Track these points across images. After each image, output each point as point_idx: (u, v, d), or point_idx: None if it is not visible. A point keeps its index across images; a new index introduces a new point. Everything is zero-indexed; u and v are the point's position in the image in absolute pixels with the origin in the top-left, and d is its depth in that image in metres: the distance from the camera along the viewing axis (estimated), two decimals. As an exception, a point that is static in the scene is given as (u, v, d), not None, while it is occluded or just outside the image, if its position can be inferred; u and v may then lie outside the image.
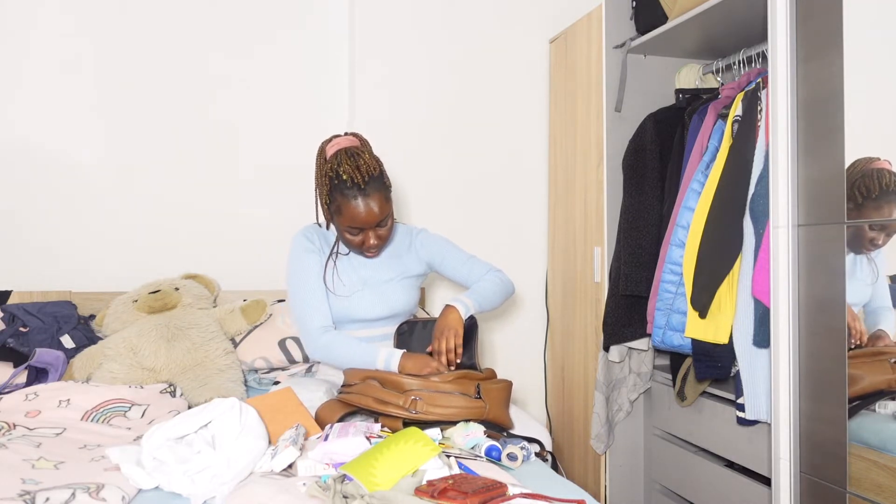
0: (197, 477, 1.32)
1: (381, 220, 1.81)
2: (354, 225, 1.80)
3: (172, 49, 2.62)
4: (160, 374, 2.05)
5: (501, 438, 1.58)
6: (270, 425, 1.52)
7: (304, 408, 1.69)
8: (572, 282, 2.72)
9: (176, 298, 2.26)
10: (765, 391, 1.80)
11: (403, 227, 2.11)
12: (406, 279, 2.03)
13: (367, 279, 1.98)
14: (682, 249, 2.01)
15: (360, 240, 1.84)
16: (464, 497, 1.17)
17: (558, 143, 2.83)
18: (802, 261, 1.66)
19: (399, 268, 2.03)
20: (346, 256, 2.00)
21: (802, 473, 1.66)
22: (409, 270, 2.04)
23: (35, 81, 2.49)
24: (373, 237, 1.83)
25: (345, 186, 1.76)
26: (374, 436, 1.45)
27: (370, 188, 1.76)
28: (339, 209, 1.79)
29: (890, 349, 1.53)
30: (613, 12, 2.41)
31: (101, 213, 2.56)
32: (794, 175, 1.67)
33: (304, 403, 1.72)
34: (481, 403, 1.63)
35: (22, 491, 1.25)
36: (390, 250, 2.04)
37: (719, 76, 2.37)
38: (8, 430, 1.65)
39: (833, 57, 1.56)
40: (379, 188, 1.79)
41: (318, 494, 1.23)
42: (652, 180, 2.24)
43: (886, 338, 1.54)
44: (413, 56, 2.79)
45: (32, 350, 2.07)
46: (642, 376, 2.40)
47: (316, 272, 1.92)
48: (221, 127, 2.68)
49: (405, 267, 2.04)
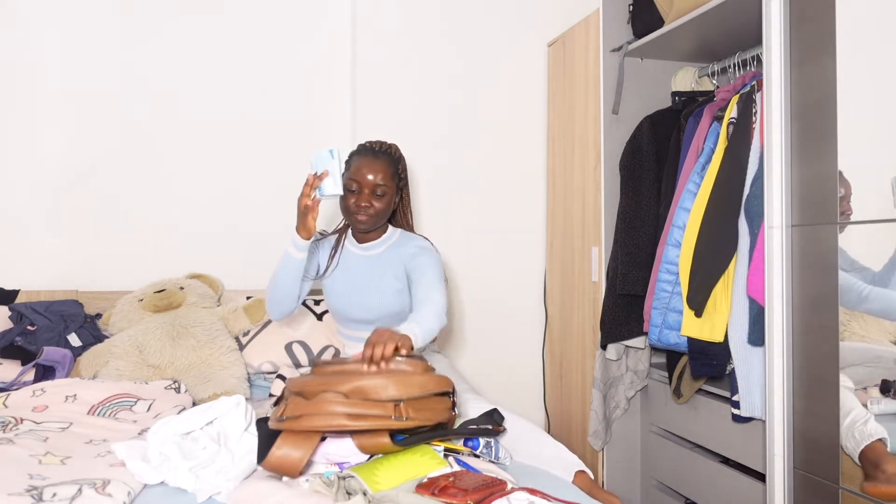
0: (202, 473, 1.34)
1: (379, 187, 1.94)
2: (355, 177, 1.94)
3: (177, 51, 2.64)
4: (165, 372, 2.08)
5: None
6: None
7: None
8: (570, 281, 2.74)
9: (181, 297, 2.29)
10: (759, 389, 1.82)
11: (410, 235, 2.07)
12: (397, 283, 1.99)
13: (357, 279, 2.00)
14: (678, 249, 2.03)
15: (354, 199, 1.94)
16: (464, 494, 1.18)
17: (556, 145, 2.86)
18: (796, 261, 1.68)
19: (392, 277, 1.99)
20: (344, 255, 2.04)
21: (796, 469, 1.68)
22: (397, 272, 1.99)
23: (39, 81, 2.51)
24: (366, 198, 1.93)
25: (363, 148, 2.02)
26: None
27: (381, 155, 1.98)
28: (350, 165, 1.99)
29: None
30: (611, 16, 2.43)
31: (107, 214, 2.58)
32: (788, 176, 1.69)
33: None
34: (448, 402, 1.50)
35: (29, 486, 1.27)
36: (388, 252, 2.01)
37: (715, 79, 2.39)
38: (15, 424, 1.67)
39: (826, 60, 1.58)
40: (389, 163, 1.97)
41: (322, 490, 1.25)
42: (648, 181, 2.26)
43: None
44: (413, 59, 2.81)
45: (40, 348, 2.10)
46: (639, 374, 2.43)
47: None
48: (226, 127, 2.70)
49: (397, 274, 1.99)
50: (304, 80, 2.79)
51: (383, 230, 2.06)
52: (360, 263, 2.02)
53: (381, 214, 1.97)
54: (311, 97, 2.79)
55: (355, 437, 1.38)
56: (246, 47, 2.72)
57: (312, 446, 1.34)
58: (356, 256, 2.04)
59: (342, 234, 2.08)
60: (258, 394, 2.26)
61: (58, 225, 2.53)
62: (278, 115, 2.76)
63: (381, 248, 2.03)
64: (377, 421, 1.35)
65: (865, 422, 1.52)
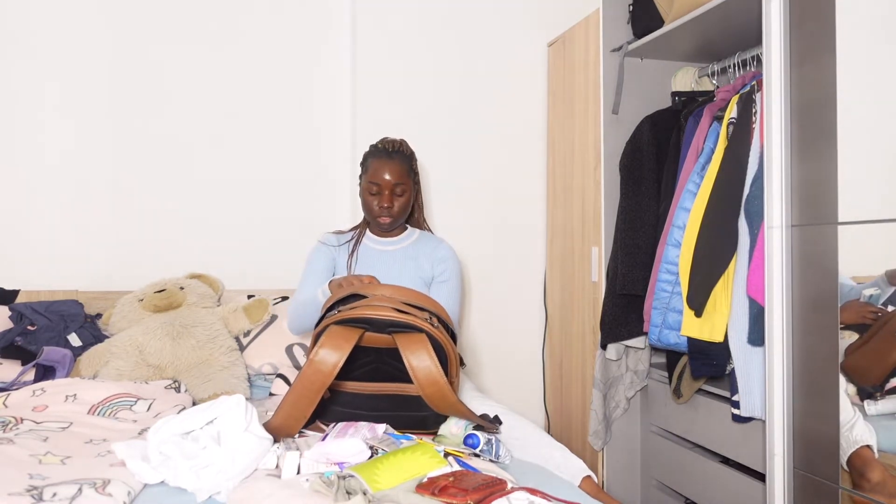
0: (202, 472, 1.34)
1: (398, 185, 2.05)
2: (375, 180, 2.04)
3: (178, 51, 2.64)
4: (165, 372, 2.08)
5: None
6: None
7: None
8: (570, 281, 2.74)
9: (181, 297, 2.29)
10: (759, 389, 1.82)
11: (432, 236, 2.22)
12: (419, 279, 2.10)
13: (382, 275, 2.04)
14: (678, 249, 2.03)
15: (376, 200, 2.06)
16: (464, 494, 1.18)
17: (557, 145, 2.86)
18: (796, 260, 1.68)
19: (414, 269, 2.11)
20: (364, 251, 2.11)
21: (796, 469, 1.68)
22: (423, 272, 2.12)
23: (41, 82, 2.51)
24: (387, 199, 2.05)
25: (376, 150, 2.11)
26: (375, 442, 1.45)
27: (395, 155, 2.08)
28: (367, 168, 2.09)
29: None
30: (611, 16, 2.43)
31: (107, 214, 2.58)
32: (788, 176, 1.69)
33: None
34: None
35: (29, 486, 1.27)
36: (411, 248, 2.12)
37: (715, 79, 2.39)
38: (15, 424, 1.67)
39: (826, 60, 1.58)
40: (403, 161, 2.08)
41: (322, 490, 1.24)
42: (648, 181, 2.26)
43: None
44: (413, 59, 2.82)
45: (40, 348, 2.10)
46: (639, 374, 2.43)
47: (322, 262, 2.11)
48: (225, 127, 2.70)
49: (420, 269, 2.12)
50: (305, 80, 2.79)
51: (403, 226, 2.20)
52: (380, 258, 2.11)
53: (403, 211, 2.10)
54: (311, 97, 2.79)
55: (397, 336, 1.52)
56: (246, 47, 2.72)
57: (350, 347, 1.47)
58: (376, 252, 2.13)
59: (361, 233, 2.18)
60: (258, 394, 2.26)
61: (58, 225, 2.53)
62: (278, 116, 2.76)
63: (403, 243, 2.16)
64: (417, 320, 1.53)
65: (852, 426, 1.51)
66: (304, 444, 1.51)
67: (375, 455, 1.40)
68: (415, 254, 2.12)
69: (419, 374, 1.49)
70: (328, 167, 2.80)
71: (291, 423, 1.51)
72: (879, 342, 1.50)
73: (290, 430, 1.52)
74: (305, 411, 1.49)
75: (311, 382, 1.47)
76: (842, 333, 1.54)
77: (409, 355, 1.50)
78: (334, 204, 2.80)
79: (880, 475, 1.46)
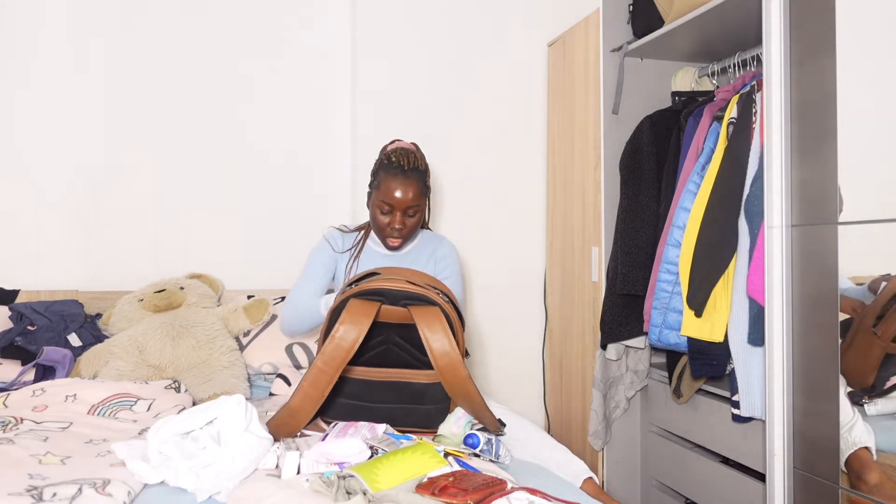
0: (202, 472, 1.34)
1: (411, 207, 1.93)
2: (387, 200, 1.92)
3: (176, 51, 2.65)
4: (165, 371, 2.08)
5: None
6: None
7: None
8: (570, 281, 2.74)
9: (181, 297, 2.29)
10: (759, 389, 1.82)
11: (433, 235, 2.17)
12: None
13: None
14: (678, 249, 2.03)
15: (388, 220, 1.95)
16: (464, 493, 1.18)
17: (557, 145, 2.86)
18: (796, 260, 1.68)
19: (413, 265, 2.07)
20: (366, 255, 2.07)
21: (796, 469, 1.68)
22: (425, 266, 2.09)
23: (42, 82, 2.52)
24: (399, 220, 1.94)
25: (391, 165, 1.95)
26: (375, 442, 1.45)
27: (411, 173, 1.93)
28: (380, 184, 1.94)
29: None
30: (611, 16, 2.43)
31: (107, 214, 2.58)
32: (788, 176, 1.69)
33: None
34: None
35: (29, 486, 1.27)
36: (413, 252, 2.10)
37: (715, 79, 2.39)
38: (15, 424, 1.67)
39: (826, 60, 1.58)
40: (418, 178, 1.94)
41: (322, 490, 1.24)
42: (648, 181, 2.26)
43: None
44: (413, 59, 2.82)
45: (40, 348, 2.10)
46: (639, 374, 2.43)
47: (323, 262, 2.05)
48: (225, 128, 2.70)
49: (423, 269, 2.08)
50: (304, 79, 2.79)
51: None
52: (383, 262, 2.07)
53: (414, 231, 2.01)
54: (311, 97, 2.79)
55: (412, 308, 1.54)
56: (243, 47, 2.72)
57: (369, 323, 1.49)
58: (379, 255, 2.08)
59: (364, 239, 2.12)
60: (258, 394, 2.26)
61: (58, 225, 2.53)
62: (278, 116, 2.76)
63: (406, 247, 2.10)
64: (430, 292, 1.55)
65: (851, 427, 1.51)
66: (304, 444, 1.51)
67: (375, 455, 1.40)
68: (416, 256, 2.11)
69: (433, 344, 1.51)
70: (328, 168, 2.80)
71: (309, 403, 1.51)
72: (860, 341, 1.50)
73: (308, 411, 1.52)
74: (324, 390, 1.50)
75: (332, 359, 1.48)
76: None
77: (423, 326, 1.51)
78: (335, 204, 2.80)
79: (878, 478, 1.46)
